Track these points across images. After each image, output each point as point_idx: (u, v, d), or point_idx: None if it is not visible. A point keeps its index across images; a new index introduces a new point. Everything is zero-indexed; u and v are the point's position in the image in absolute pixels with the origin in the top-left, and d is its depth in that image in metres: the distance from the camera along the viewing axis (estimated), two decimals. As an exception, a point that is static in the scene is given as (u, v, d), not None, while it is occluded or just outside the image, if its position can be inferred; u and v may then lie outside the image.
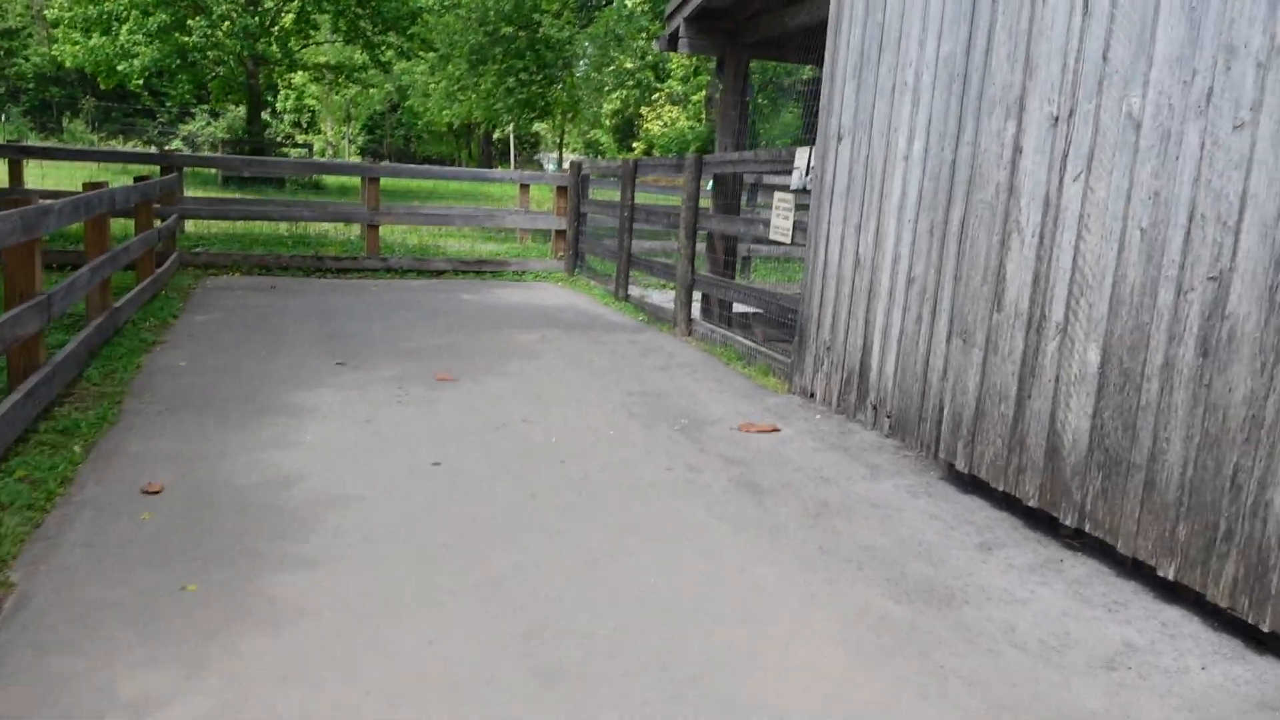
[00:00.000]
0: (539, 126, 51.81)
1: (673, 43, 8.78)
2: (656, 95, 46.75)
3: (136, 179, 9.10)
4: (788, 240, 6.90)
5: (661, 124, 50.25)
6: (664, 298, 10.94)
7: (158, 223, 10.20)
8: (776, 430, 5.65)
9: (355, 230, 14.09)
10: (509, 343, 7.96)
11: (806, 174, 6.57)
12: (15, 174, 12.54)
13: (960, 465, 4.63)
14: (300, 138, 53.63)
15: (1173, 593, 3.63)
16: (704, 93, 44.88)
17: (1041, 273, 4.13)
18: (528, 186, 14.15)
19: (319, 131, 60.74)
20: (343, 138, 59.43)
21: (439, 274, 12.30)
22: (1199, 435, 3.41)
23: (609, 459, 4.99)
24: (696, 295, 9.00)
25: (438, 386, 6.36)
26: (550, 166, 61.35)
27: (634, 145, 52.33)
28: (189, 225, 13.54)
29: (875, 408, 5.60)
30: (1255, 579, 3.20)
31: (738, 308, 8.92)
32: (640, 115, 51.30)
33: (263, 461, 4.67)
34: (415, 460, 4.84)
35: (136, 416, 5.25)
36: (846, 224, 5.91)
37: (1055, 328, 4.05)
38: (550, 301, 10.65)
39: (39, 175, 17.79)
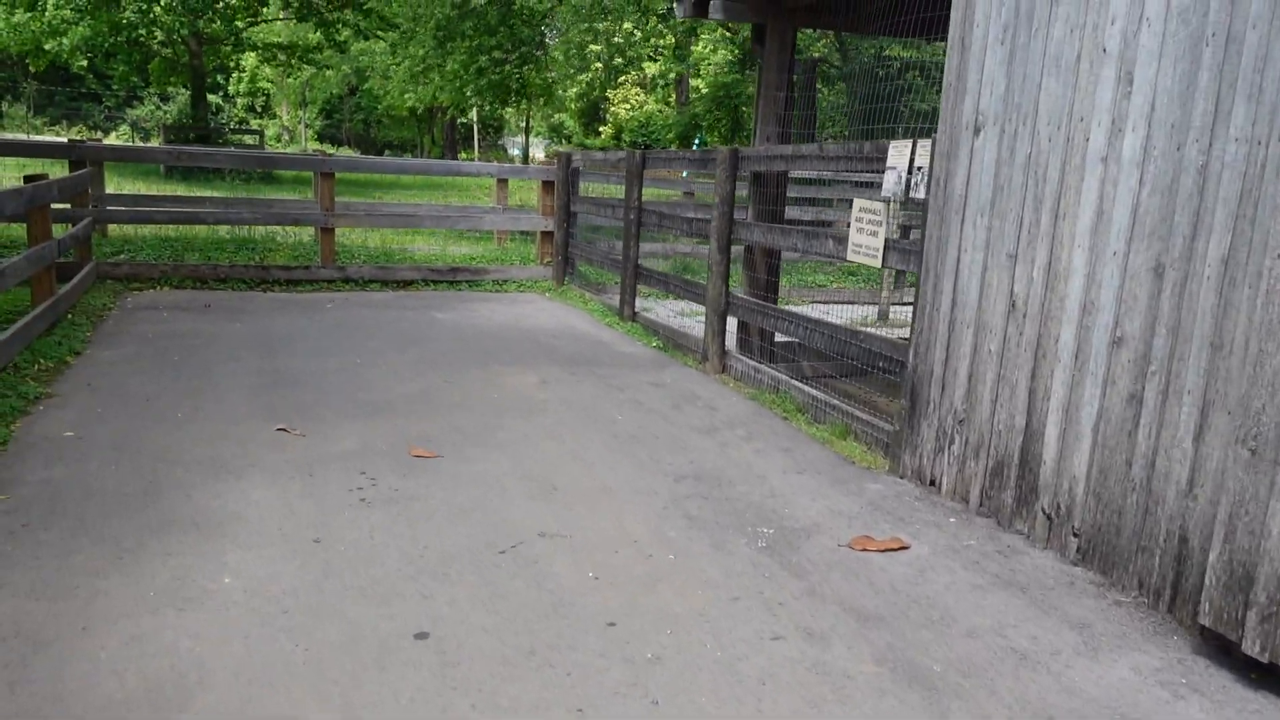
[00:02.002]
0: (504, 111, 49.64)
1: (700, 8, 7.01)
2: (623, 78, 44.84)
3: (27, 178, 7.23)
4: (877, 263, 5.21)
5: (629, 107, 48.24)
6: (671, 311, 9.23)
7: (60, 231, 8.37)
8: (904, 548, 3.96)
9: (307, 231, 12.24)
10: (500, 388, 6.21)
11: (910, 175, 4.89)
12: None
13: (1253, 648, 2.94)
14: (254, 123, 51.20)
15: None
16: (674, 74, 43.12)
17: None
18: (506, 181, 12.38)
19: (274, 116, 58.30)
20: (299, 122, 57.07)
21: (406, 284, 10.51)
22: None
23: (681, 616, 3.29)
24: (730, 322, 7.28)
25: (414, 468, 4.63)
26: (516, 153, 59.22)
27: (600, 130, 50.33)
28: (113, 227, 11.64)
29: (1050, 516, 3.92)
30: None
31: (779, 335, 7.22)
32: (606, 99, 49.31)
33: (146, 643, 2.93)
34: (387, 627, 3.13)
35: (-39, 554, 3.48)
36: (992, 251, 4.22)
37: None
38: (542, 321, 8.89)
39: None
